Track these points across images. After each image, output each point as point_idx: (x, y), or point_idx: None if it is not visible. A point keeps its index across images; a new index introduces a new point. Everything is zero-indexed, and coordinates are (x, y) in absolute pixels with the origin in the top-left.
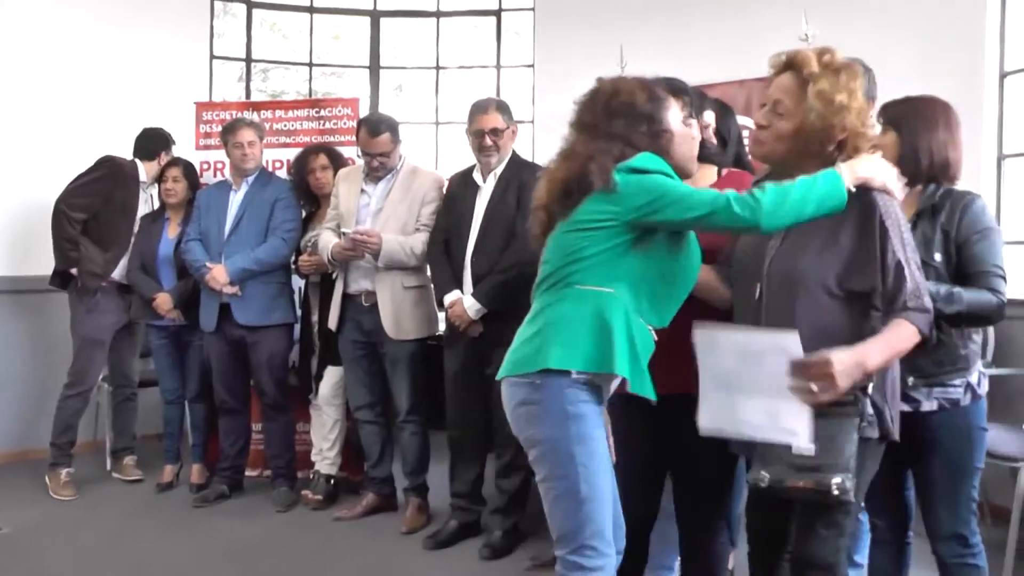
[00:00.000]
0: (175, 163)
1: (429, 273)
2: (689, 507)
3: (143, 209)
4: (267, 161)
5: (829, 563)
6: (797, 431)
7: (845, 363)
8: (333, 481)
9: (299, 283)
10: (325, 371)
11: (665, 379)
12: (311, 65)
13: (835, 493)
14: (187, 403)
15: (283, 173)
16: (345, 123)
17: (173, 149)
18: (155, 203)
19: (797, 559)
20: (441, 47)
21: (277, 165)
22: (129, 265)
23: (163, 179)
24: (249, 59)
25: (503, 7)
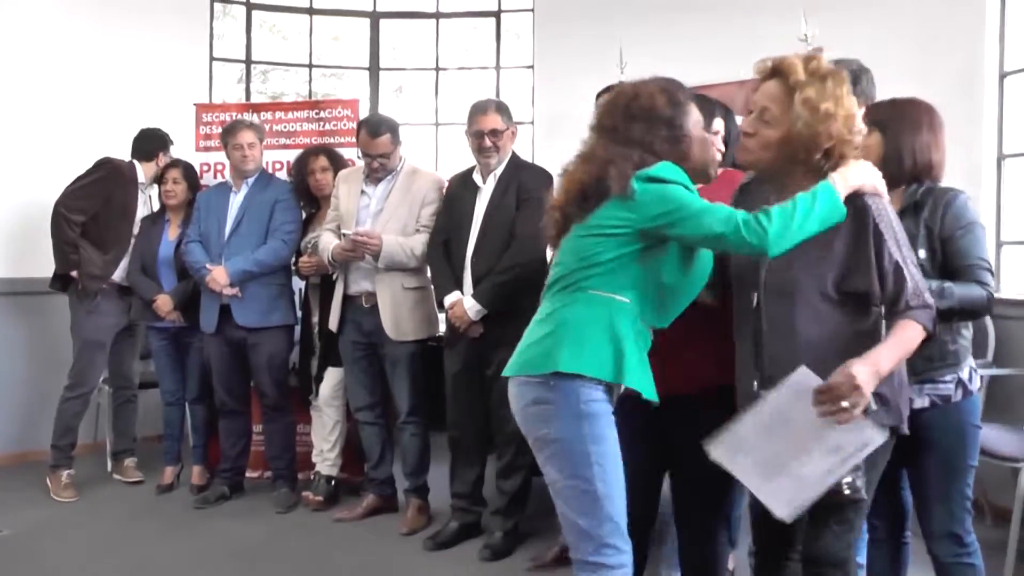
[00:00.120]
0: (175, 165)
1: (429, 274)
2: (687, 508)
3: (142, 210)
4: (267, 162)
5: (841, 559)
6: (869, 442)
7: (866, 372)
8: (334, 482)
9: (299, 284)
10: (325, 372)
11: (662, 381)
12: (311, 66)
13: (847, 492)
14: (187, 404)
15: (283, 174)
16: (345, 124)
17: (171, 149)
18: (154, 204)
19: (809, 556)
20: (441, 48)
21: (277, 166)
22: (129, 267)
23: (163, 181)
24: (249, 61)
25: (502, 8)
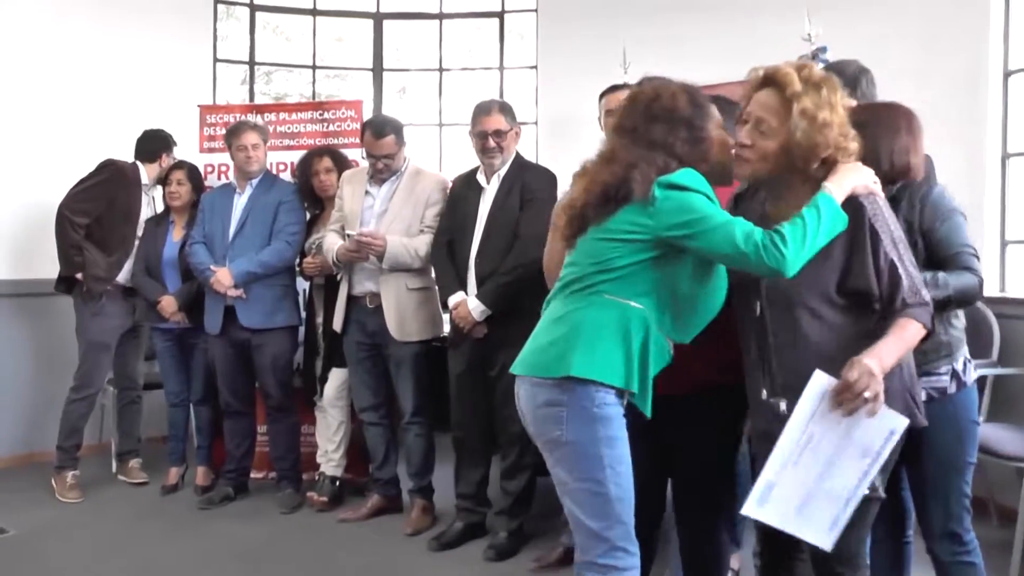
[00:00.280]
0: (179, 166)
1: (433, 275)
2: (687, 508)
3: (146, 211)
4: (271, 164)
5: (852, 554)
6: (895, 427)
7: (876, 364)
8: (338, 483)
9: (303, 285)
10: (330, 373)
11: (663, 380)
12: (314, 68)
13: (868, 492)
14: (192, 405)
15: (287, 176)
16: (349, 125)
17: (175, 151)
18: (157, 205)
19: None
20: (444, 49)
21: (281, 168)
22: (134, 268)
23: (167, 182)
24: (252, 62)
25: (506, 9)
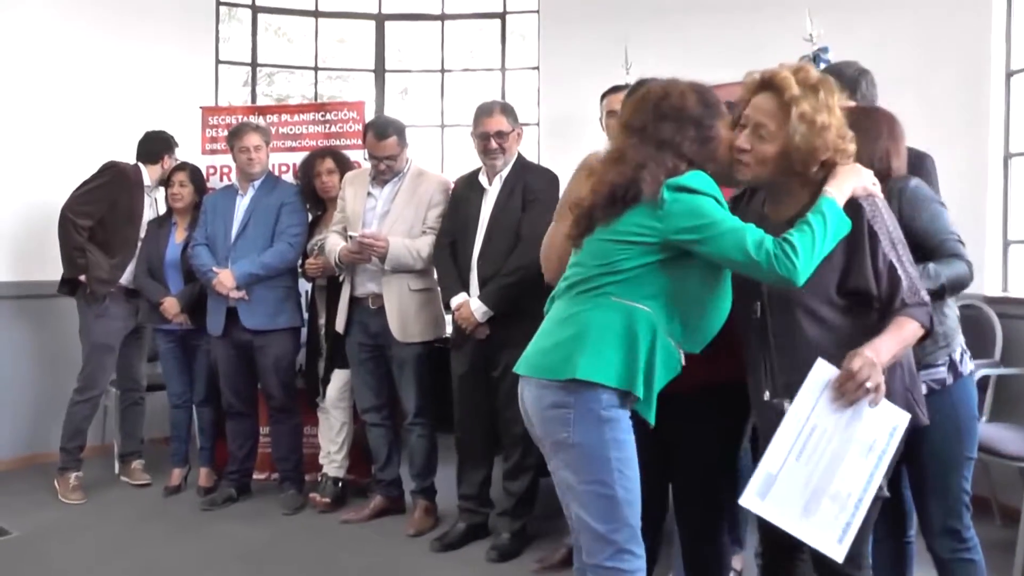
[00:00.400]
0: (182, 167)
1: (436, 276)
2: (688, 507)
3: (148, 213)
4: (273, 165)
5: (854, 553)
6: (897, 424)
7: (875, 356)
8: (341, 484)
9: (306, 286)
10: (332, 374)
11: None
12: (316, 69)
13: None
14: (194, 407)
15: (289, 177)
16: (351, 126)
17: (176, 151)
18: (160, 207)
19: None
20: (446, 50)
21: (283, 169)
22: (136, 269)
23: (170, 184)
24: (255, 63)
25: (507, 10)
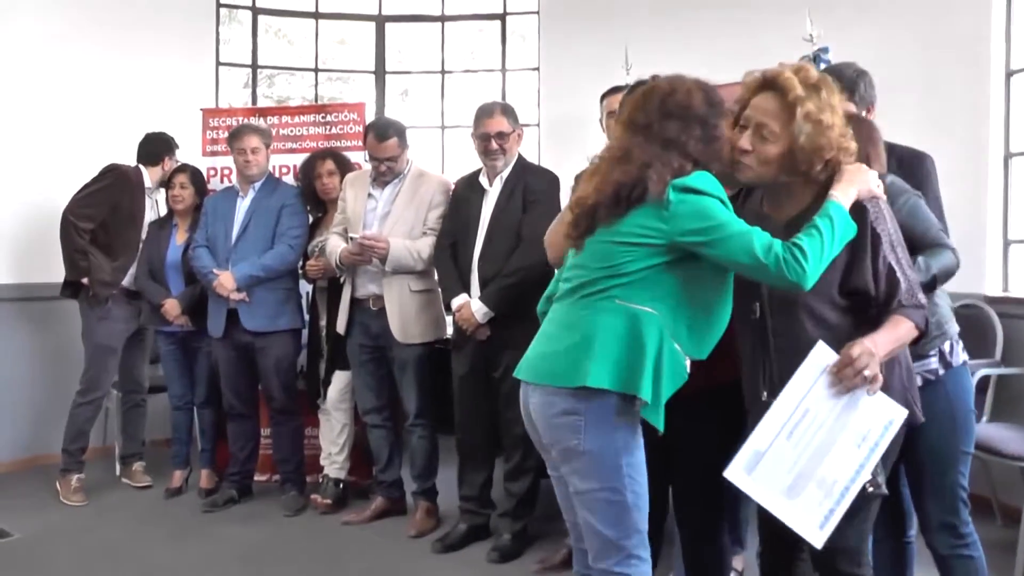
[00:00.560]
0: (182, 169)
1: (436, 277)
2: (688, 508)
3: (149, 215)
4: (274, 167)
5: (855, 548)
6: (894, 418)
7: (873, 348)
8: (342, 485)
9: (307, 288)
10: (333, 375)
11: None
12: (317, 71)
13: (870, 489)
14: (195, 408)
15: (290, 179)
16: (351, 128)
17: (177, 153)
18: (161, 208)
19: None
20: (446, 51)
21: (284, 171)
22: (138, 271)
23: (170, 185)
24: (255, 65)
25: (508, 11)
